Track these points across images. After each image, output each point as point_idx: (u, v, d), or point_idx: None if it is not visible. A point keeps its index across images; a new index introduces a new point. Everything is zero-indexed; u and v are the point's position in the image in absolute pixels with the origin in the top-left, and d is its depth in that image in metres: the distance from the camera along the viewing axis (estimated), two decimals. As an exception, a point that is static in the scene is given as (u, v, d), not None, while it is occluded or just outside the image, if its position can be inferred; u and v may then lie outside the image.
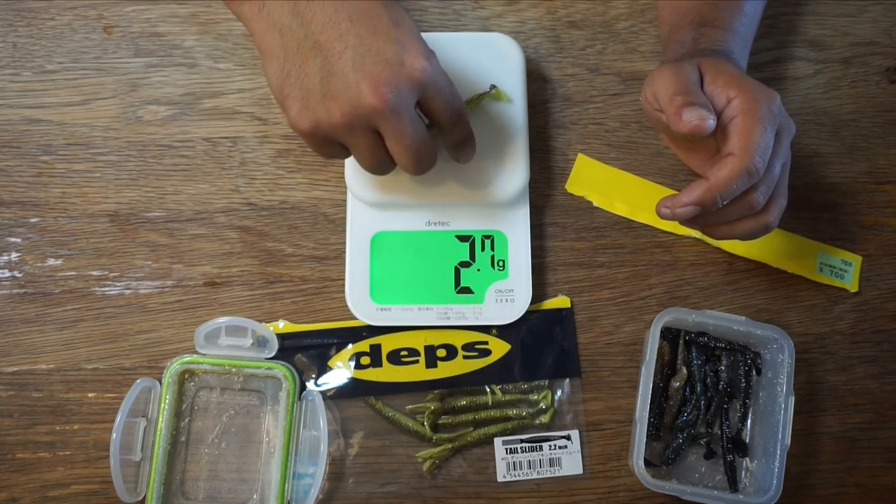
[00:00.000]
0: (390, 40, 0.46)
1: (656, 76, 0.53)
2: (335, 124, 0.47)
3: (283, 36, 0.47)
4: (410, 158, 0.49)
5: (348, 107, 0.46)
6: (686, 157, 0.57)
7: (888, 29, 0.67)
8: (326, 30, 0.46)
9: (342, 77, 0.46)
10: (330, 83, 0.46)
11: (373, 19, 0.47)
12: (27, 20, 0.64)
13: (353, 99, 0.46)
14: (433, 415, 0.59)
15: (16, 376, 0.59)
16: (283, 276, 0.61)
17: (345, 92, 0.46)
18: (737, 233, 0.54)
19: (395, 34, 0.47)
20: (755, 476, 0.58)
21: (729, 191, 0.50)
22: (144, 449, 0.57)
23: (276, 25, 0.47)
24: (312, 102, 0.47)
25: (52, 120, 0.63)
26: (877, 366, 0.62)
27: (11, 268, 0.61)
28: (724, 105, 0.51)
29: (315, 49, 0.46)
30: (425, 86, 0.47)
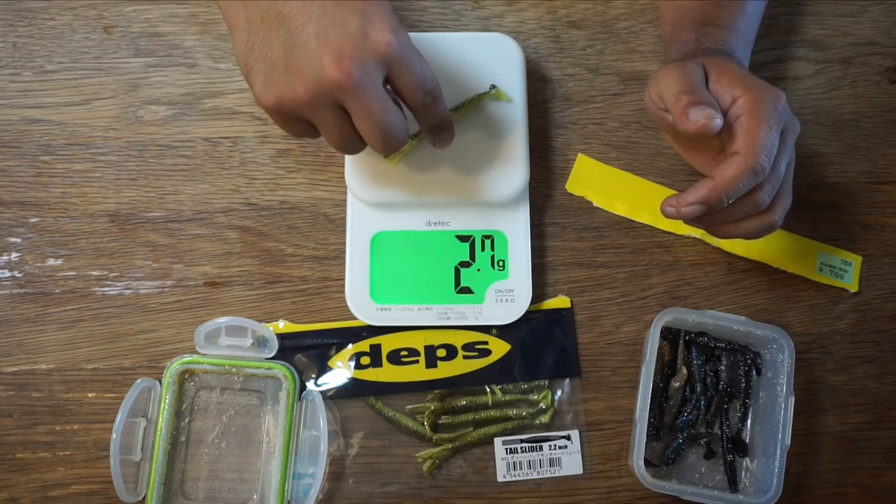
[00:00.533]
0: (355, 12, 0.45)
1: (661, 75, 0.53)
2: (299, 99, 0.46)
3: (246, 8, 0.46)
4: (378, 136, 0.47)
5: (311, 81, 0.45)
6: (690, 157, 0.57)
7: (888, 29, 0.67)
8: (290, 2, 0.45)
9: (305, 49, 0.44)
10: (293, 56, 0.45)
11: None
12: (27, 20, 0.64)
13: (316, 73, 0.44)
14: (433, 415, 0.59)
15: (16, 376, 0.59)
16: (283, 276, 0.61)
17: (307, 65, 0.44)
18: (741, 232, 0.54)
19: (361, 6, 0.45)
20: (755, 476, 0.58)
21: (734, 190, 0.50)
22: (144, 449, 0.57)
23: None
24: (276, 76, 0.46)
25: (52, 120, 0.63)
26: (877, 366, 0.62)
27: (11, 268, 0.61)
28: (730, 104, 0.51)
29: (278, 20, 0.45)
30: (391, 61, 0.46)
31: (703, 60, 0.54)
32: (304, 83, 0.45)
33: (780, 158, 0.51)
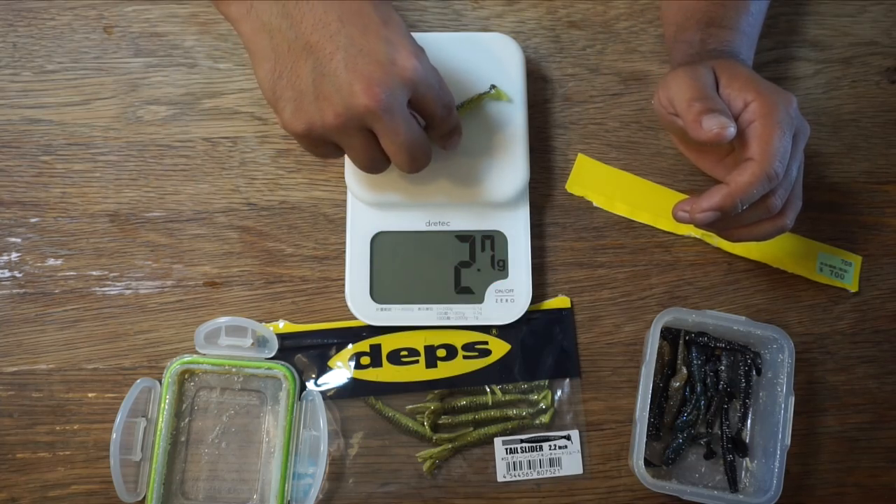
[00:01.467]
0: (381, 40, 0.47)
1: (671, 80, 0.53)
2: (329, 125, 0.47)
3: (272, 37, 0.47)
4: (405, 156, 0.49)
5: (341, 107, 0.46)
6: (696, 158, 0.57)
7: (888, 29, 0.67)
8: (317, 30, 0.46)
9: (334, 78, 0.46)
10: (322, 84, 0.46)
11: (363, 18, 0.47)
12: (27, 20, 0.64)
13: (346, 99, 0.46)
14: (433, 415, 0.59)
15: (16, 376, 0.59)
16: (283, 276, 0.61)
17: (337, 93, 0.46)
18: (753, 235, 0.54)
19: (384, 33, 0.47)
20: (755, 476, 0.58)
21: (749, 196, 0.50)
22: (144, 449, 0.57)
23: (265, 27, 0.47)
24: (305, 104, 0.47)
25: (52, 120, 0.63)
26: (877, 366, 0.62)
27: (11, 268, 0.61)
28: (741, 109, 0.51)
29: (306, 50, 0.46)
30: (417, 84, 0.48)
31: (713, 64, 0.54)
32: (335, 109, 0.47)
33: (791, 163, 0.51)
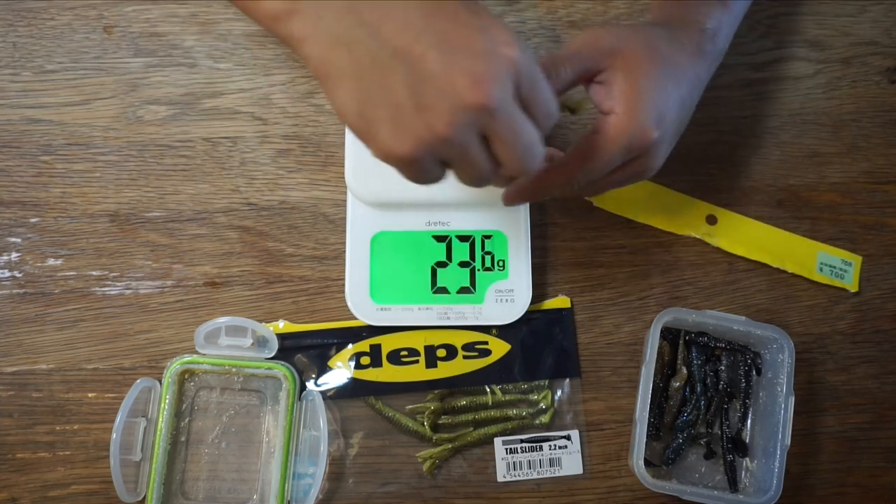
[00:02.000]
0: (474, 29, 0.40)
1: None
2: (440, 137, 0.40)
3: (350, 51, 0.40)
4: (523, 159, 0.42)
5: (449, 113, 0.39)
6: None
7: (888, 29, 0.67)
8: (401, 33, 0.39)
9: (433, 81, 0.39)
10: (421, 92, 0.39)
11: (448, 10, 0.40)
12: (27, 20, 0.64)
13: (453, 102, 0.39)
14: (433, 415, 0.59)
15: (16, 376, 0.59)
16: (283, 276, 0.61)
17: (441, 98, 0.39)
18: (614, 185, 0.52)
19: (476, 21, 0.40)
20: (755, 476, 0.58)
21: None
22: (144, 449, 0.57)
23: (339, 41, 0.40)
24: (406, 119, 0.40)
25: (52, 120, 0.63)
26: (877, 366, 0.62)
27: (11, 268, 0.61)
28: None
29: (394, 58, 0.39)
30: (521, 75, 0.40)
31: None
32: (442, 118, 0.39)
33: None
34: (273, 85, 0.64)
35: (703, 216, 0.63)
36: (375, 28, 0.40)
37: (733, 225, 0.63)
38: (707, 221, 0.63)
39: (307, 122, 0.64)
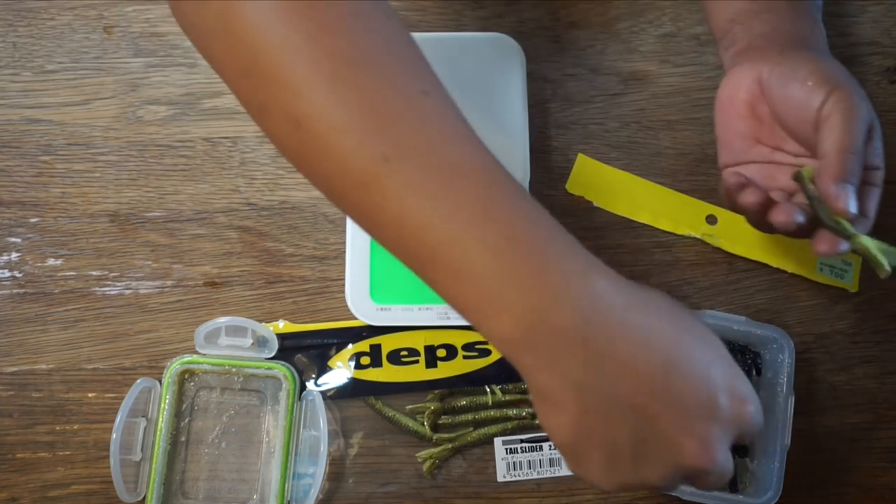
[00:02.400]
0: (715, 388, 0.39)
1: (784, 83, 0.49)
2: (647, 484, 0.40)
3: (581, 393, 0.38)
4: (719, 486, 0.42)
5: (665, 469, 0.39)
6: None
7: (888, 29, 0.67)
8: (640, 389, 0.38)
9: (660, 441, 0.39)
10: (645, 447, 0.39)
11: (691, 367, 0.39)
12: (27, 20, 0.64)
13: (674, 462, 0.39)
14: (433, 415, 0.59)
15: (16, 376, 0.59)
16: (283, 276, 0.61)
17: (663, 455, 0.39)
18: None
19: (717, 378, 0.39)
20: (755, 476, 0.58)
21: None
22: (144, 449, 0.57)
23: (573, 383, 0.38)
24: (620, 464, 0.39)
25: (52, 120, 0.63)
26: (877, 366, 0.62)
27: (11, 268, 0.61)
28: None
29: (626, 411, 0.38)
30: (748, 428, 0.41)
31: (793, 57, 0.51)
32: (656, 471, 0.39)
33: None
34: (273, 85, 0.64)
35: (703, 216, 0.63)
36: (612, 379, 0.38)
37: (733, 225, 0.63)
38: (707, 221, 0.63)
39: (307, 122, 0.63)
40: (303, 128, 0.37)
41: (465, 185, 0.38)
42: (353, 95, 0.37)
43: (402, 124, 0.37)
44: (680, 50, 0.66)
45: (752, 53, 0.53)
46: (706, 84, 0.65)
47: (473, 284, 0.38)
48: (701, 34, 0.66)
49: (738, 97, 0.53)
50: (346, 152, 0.37)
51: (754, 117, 0.53)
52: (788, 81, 0.50)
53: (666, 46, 0.66)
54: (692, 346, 0.40)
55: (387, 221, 0.38)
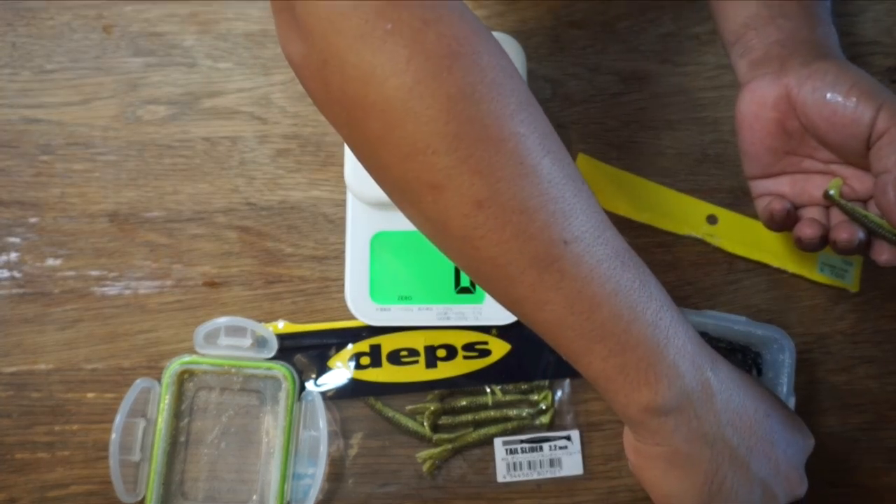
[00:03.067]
0: (796, 429, 0.47)
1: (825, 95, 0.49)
2: None
3: (713, 447, 0.43)
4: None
5: (784, 501, 0.46)
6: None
7: (889, 28, 0.67)
8: (755, 437, 0.44)
9: (779, 478, 0.45)
10: (769, 487, 0.44)
11: (777, 410, 0.46)
12: (26, 20, 0.64)
13: (792, 493, 0.45)
14: (433, 415, 0.59)
15: (15, 376, 0.59)
16: (283, 276, 0.61)
17: (782, 491, 0.45)
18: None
19: (794, 420, 0.47)
20: (756, 476, 0.58)
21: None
22: (144, 449, 0.57)
23: (706, 437, 0.43)
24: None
25: (51, 120, 0.63)
26: (878, 366, 0.62)
27: (10, 268, 0.61)
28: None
29: (748, 454, 0.43)
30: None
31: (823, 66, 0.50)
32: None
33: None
34: (273, 84, 0.64)
35: (704, 216, 0.63)
36: (738, 427, 0.43)
37: (734, 225, 0.63)
38: (707, 221, 0.63)
39: (307, 121, 0.63)
40: (485, 209, 0.38)
41: (624, 269, 0.41)
42: (544, 182, 0.38)
43: (579, 212, 0.40)
44: (680, 49, 0.66)
45: (772, 64, 0.51)
46: (707, 84, 0.65)
47: (633, 356, 0.41)
48: (701, 33, 0.66)
49: (764, 114, 0.52)
50: (528, 235, 0.38)
51: (784, 132, 0.52)
52: (826, 96, 0.49)
53: (666, 46, 0.66)
54: (771, 395, 0.47)
55: (554, 300, 0.40)
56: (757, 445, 0.44)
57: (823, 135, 0.50)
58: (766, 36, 0.52)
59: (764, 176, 0.54)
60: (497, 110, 0.37)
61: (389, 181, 0.40)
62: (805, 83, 0.50)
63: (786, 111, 0.51)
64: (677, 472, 0.43)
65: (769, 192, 0.54)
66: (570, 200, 0.39)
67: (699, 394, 0.42)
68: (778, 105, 0.51)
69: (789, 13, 0.52)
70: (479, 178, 0.37)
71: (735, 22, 0.54)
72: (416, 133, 0.36)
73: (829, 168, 0.53)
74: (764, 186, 0.54)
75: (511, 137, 0.38)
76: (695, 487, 0.43)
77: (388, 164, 0.39)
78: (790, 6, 0.52)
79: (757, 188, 0.55)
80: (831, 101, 0.49)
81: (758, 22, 0.53)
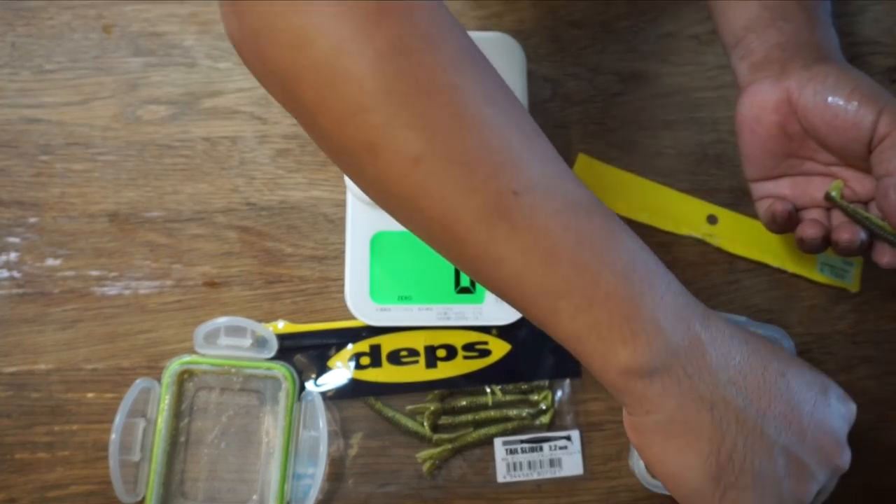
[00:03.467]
0: (823, 387, 0.41)
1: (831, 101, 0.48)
2: (800, 499, 0.39)
3: (714, 409, 0.37)
4: None
5: (819, 479, 0.39)
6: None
7: (890, 28, 0.67)
8: (765, 393, 0.38)
9: (801, 443, 0.38)
10: (793, 457, 0.38)
11: (792, 365, 0.40)
12: (26, 19, 0.64)
13: (828, 467, 0.39)
14: (433, 415, 0.59)
15: (14, 377, 0.59)
16: (283, 276, 0.61)
17: (814, 462, 0.39)
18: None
19: (819, 378, 0.41)
20: (756, 476, 0.58)
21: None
22: (143, 449, 0.57)
23: (703, 399, 0.37)
24: (771, 488, 0.38)
25: (50, 119, 0.63)
26: (878, 366, 0.62)
27: (10, 268, 0.61)
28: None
29: (760, 417, 0.38)
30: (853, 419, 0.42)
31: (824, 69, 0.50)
32: (810, 485, 0.39)
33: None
34: (272, 84, 0.64)
35: (704, 216, 0.63)
36: (741, 388, 0.38)
37: (734, 225, 0.63)
38: (707, 221, 0.63)
39: (307, 121, 0.63)
40: (423, 164, 0.36)
41: (588, 218, 0.38)
42: (486, 132, 0.36)
43: (530, 161, 0.37)
44: (680, 49, 0.66)
45: (772, 67, 0.51)
46: (706, 84, 0.65)
47: (602, 311, 0.37)
48: (701, 34, 0.66)
49: (765, 117, 0.52)
50: (471, 188, 0.36)
51: (785, 135, 0.52)
52: (827, 99, 0.49)
53: (666, 46, 0.66)
54: (783, 351, 0.41)
55: (509, 255, 0.37)
56: (771, 407, 0.38)
57: (824, 138, 0.50)
58: (767, 39, 0.52)
59: (765, 178, 0.54)
60: (429, 62, 0.35)
61: (331, 148, 0.39)
62: (806, 87, 0.50)
63: (786, 114, 0.51)
64: (677, 442, 0.38)
65: (770, 194, 0.54)
66: (519, 150, 0.37)
67: (686, 350, 0.37)
68: (779, 108, 0.51)
69: (790, 15, 0.52)
70: (414, 132, 0.35)
71: (735, 25, 0.54)
72: (347, 93, 0.35)
73: (829, 170, 0.53)
74: (765, 189, 0.55)
75: (446, 89, 0.36)
76: (700, 459, 0.38)
77: (326, 130, 0.37)
78: (791, 8, 0.52)
79: (758, 190, 0.55)
80: (832, 105, 0.49)
81: (758, 25, 0.52)
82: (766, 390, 0.38)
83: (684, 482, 0.38)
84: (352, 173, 0.39)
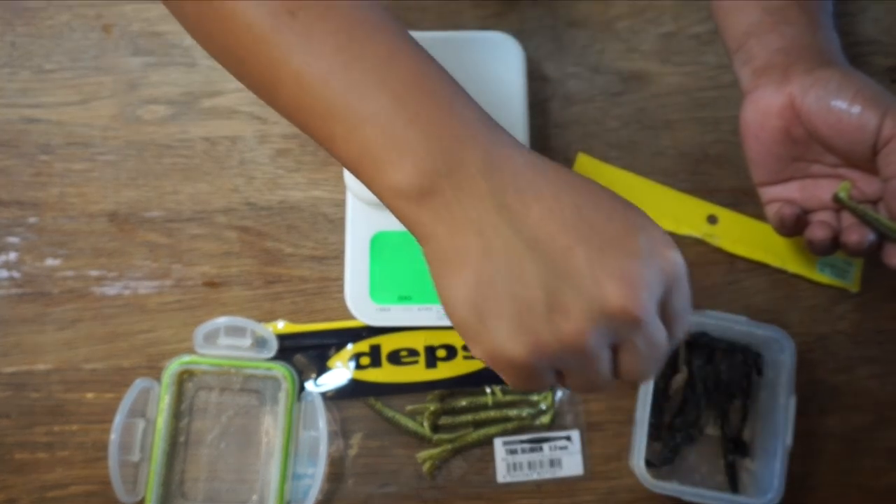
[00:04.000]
0: (631, 226, 0.36)
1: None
2: (566, 343, 0.35)
3: (482, 235, 0.35)
4: (651, 371, 0.38)
5: (585, 319, 0.34)
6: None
7: (889, 27, 0.67)
8: (546, 222, 0.35)
9: (575, 280, 0.34)
10: (557, 290, 0.34)
11: (604, 205, 0.36)
12: (25, 19, 0.64)
13: (595, 306, 0.34)
14: (433, 415, 0.59)
15: (14, 377, 0.59)
16: (283, 276, 0.61)
17: (579, 299, 0.34)
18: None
19: (634, 218, 0.36)
20: (756, 477, 0.58)
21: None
22: (143, 449, 0.57)
23: (472, 224, 0.35)
24: (531, 319, 0.35)
25: (50, 119, 0.63)
26: (878, 366, 0.62)
27: (10, 268, 0.61)
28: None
29: (531, 247, 0.35)
30: (675, 281, 0.37)
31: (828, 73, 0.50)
32: (576, 323, 0.34)
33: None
34: (272, 84, 0.64)
35: (704, 216, 0.63)
36: (517, 214, 0.35)
37: (734, 225, 0.63)
38: (707, 221, 0.63)
39: (307, 121, 0.63)
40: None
41: (369, 39, 0.37)
42: None
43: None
44: (680, 49, 0.66)
45: (775, 72, 0.51)
46: (707, 83, 0.65)
47: (373, 130, 0.36)
48: (702, 33, 0.66)
49: (769, 123, 0.52)
50: (250, 6, 0.36)
51: (790, 140, 0.52)
52: (830, 104, 0.49)
53: (666, 46, 0.66)
54: (602, 190, 0.37)
55: (285, 78, 0.37)
56: (551, 239, 0.35)
57: (829, 141, 0.50)
58: (769, 44, 0.52)
59: (773, 182, 0.54)
60: None
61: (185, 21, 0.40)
62: (809, 91, 0.50)
63: (791, 119, 0.51)
64: (448, 270, 0.36)
65: (779, 197, 0.54)
66: None
67: (459, 172, 0.35)
68: (783, 113, 0.51)
69: (791, 19, 0.52)
70: None
71: (737, 29, 0.54)
72: None
73: (836, 171, 0.53)
74: (773, 192, 0.55)
75: None
76: (466, 286, 0.35)
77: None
78: (792, 12, 0.52)
79: (766, 194, 0.55)
80: (836, 109, 0.49)
81: (760, 29, 0.53)
82: (549, 220, 0.35)
83: (451, 311, 0.37)
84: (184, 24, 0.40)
